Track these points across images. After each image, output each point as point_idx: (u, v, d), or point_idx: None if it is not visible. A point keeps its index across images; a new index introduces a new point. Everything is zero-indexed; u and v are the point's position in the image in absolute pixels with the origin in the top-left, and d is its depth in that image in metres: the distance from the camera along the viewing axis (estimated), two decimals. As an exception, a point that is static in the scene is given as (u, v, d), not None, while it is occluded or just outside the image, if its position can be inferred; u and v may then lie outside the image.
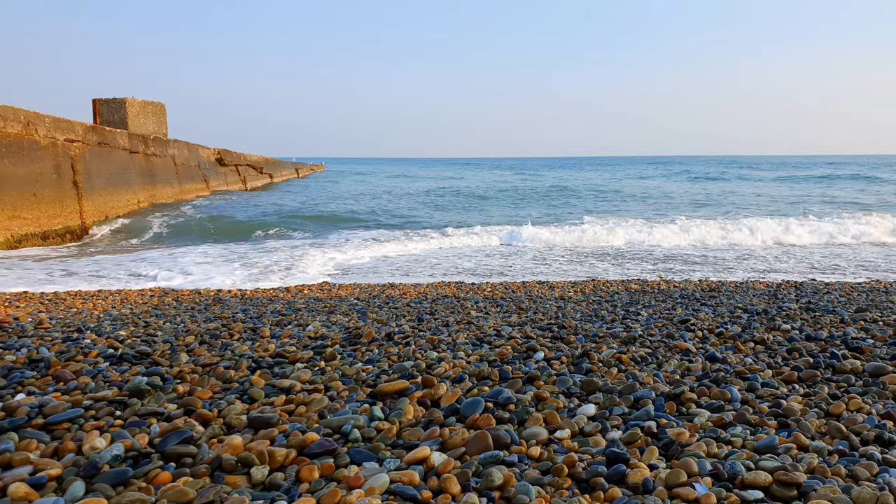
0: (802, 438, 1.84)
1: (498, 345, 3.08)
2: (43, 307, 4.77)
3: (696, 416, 2.06)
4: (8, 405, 1.98)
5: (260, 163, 31.48)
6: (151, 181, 16.97)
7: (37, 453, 1.69)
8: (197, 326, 3.75)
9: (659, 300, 4.99)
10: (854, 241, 12.01)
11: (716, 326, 3.60)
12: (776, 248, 11.15)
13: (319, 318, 4.07)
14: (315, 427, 1.93)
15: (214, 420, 1.98)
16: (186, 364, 2.69)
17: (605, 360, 2.76)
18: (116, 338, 3.27)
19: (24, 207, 10.47)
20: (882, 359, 2.82)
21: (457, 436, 1.84)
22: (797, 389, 2.40)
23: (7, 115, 10.16)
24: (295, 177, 43.07)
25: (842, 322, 3.79)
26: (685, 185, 34.41)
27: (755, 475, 1.58)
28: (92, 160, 13.09)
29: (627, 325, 3.72)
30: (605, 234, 12.33)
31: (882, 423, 2.00)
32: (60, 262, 8.99)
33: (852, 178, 37.45)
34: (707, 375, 2.56)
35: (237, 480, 1.58)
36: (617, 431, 1.94)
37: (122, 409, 2.09)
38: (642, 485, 1.56)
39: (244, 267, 8.65)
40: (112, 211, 13.90)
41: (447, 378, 2.46)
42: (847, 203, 21.30)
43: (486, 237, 12.41)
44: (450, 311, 4.43)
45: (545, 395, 2.23)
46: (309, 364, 2.73)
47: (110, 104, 18.17)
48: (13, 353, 2.80)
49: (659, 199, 24.65)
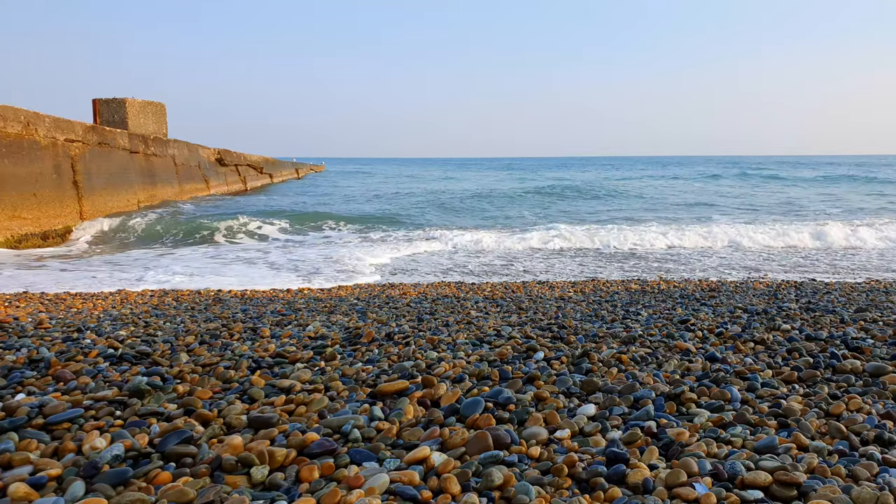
0: (802, 438, 1.84)
1: (498, 345, 3.08)
2: (43, 307, 4.77)
3: (696, 416, 2.06)
4: (8, 405, 1.98)
5: (260, 163, 31.48)
6: (151, 181, 16.96)
7: (37, 453, 1.69)
8: (197, 326, 3.75)
9: (659, 300, 4.99)
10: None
11: (716, 326, 3.60)
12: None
13: (319, 318, 4.07)
14: (315, 427, 1.93)
15: (214, 420, 1.98)
16: (186, 364, 2.69)
17: (605, 360, 2.76)
18: (116, 338, 3.27)
19: (24, 207, 10.47)
20: (882, 359, 2.82)
21: (457, 436, 1.84)
22: (797, 389, 2.40)
23: (7, 115, 10.16)
24: (295, 177, 43.04)
25: (842, 322, 3.78)
26: (753, 187, 30.77)
27: (755, 475, 1.58)
28: (92, 160, 13.09)
29: (627, 325, 3.72)
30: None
31: (882, 423, 2.00)
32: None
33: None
34: (707, 375, 2.56)
35: (237, 480, 1.58)
36: (617, 431, 1.94)
37: (122, 409, 2.09)
38: (642, 485, 1.56)
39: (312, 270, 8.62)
40: (113, 211, 13.89)
41: (447, 378, 2.46)
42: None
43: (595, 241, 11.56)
44: (450, 311, 4.43)
45: (545, 395, 2.23)
46: (309, 364, 2.73)
47: (110, 104, 18.16)
48: (13, 353, 2.80)
49: (745, 201, 22.30)
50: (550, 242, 11.48)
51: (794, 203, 21.38)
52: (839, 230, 12.02)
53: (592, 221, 15.79)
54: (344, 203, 22.47)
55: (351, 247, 11.05)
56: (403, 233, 13.42)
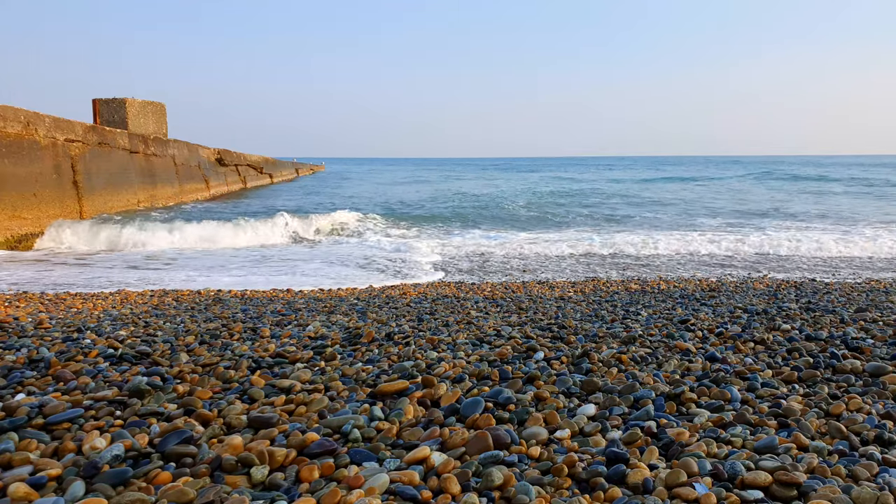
0: (802, 438, 1.84)
1: (498, 345, 3.08)
2: (43, 307, 4.77)
3: (696, 416, 2.06)
4: (8, 405, 1.98)
5: (260, 163, 31.49)
6: (151, 181, 16.97)
7: (37, 453, 1.69)
8: (197, 326, 3.75)
9: (659, 300, 4.99)
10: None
11: (716, 326, 3.60)
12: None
13: (319, 318, 4.07)
14: (315, 427, 1.93)
15: (214, 420, 1.98)
16: (186, 364, 2.69)
17: (605, 360, 2.76)
18: (116, 338, 3.27)
19: (24, 207, 10.47)
20: (882, 359, 2.82)
21: (457, 436, 1.84)
22: (797, 389, 2.40)
23: (7, 115, 10.16)
24: (296, 177, 43.06)
25: (842, 322, 3.78)
26: (804, 192, 27.40)
27: (755, 475, 1.58)
28: (92, 160, 13.09)
29: (627, 325, 3.72)
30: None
31: (882, 423, 2.00)
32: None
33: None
34: (707, 375, 2.56)
35: (237, 480, 1.58)
36: (617, 431, 1.94)
37: (122, 409, 2.09)
38: (642, 485, 1.56)
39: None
40: (113, 211, 13.89)
41: (447, 378, 2.46)
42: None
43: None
44: (450, 311, 4.43)
45: (545, 395, 2.23)
46: (309, 364, 2.73)
47: (110, 104, 18.17)
48: (13, 353, 2.80)
49: (831, 206, 20.04)
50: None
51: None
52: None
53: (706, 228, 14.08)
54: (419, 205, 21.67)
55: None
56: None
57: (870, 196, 24.90)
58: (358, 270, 8.47)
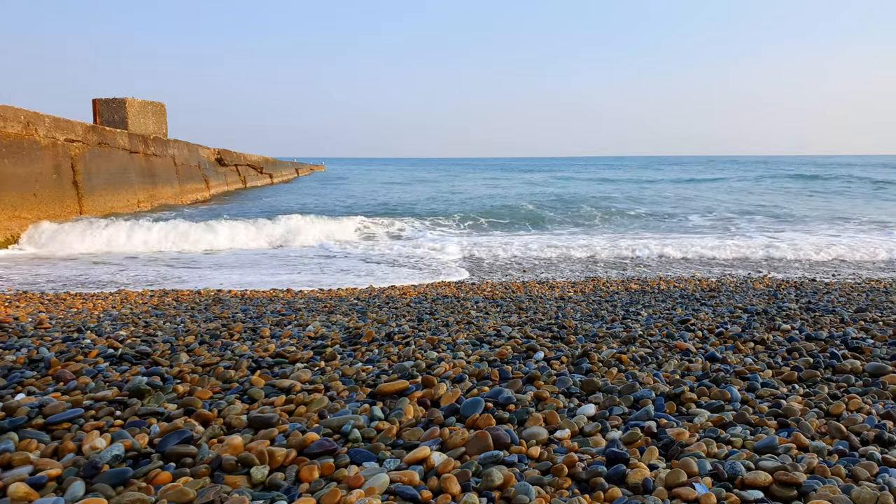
0: (802, 438, 1.84)
1: (498, 345, 3.08)
2: (43, 307, 4.77)
3: (696, 416, 2.06)
4: (8, 405, 1.98)
5: (260, 163, 31.49)
6: (151, 181, 16.97)
7: (37, 453, 1.69)
8: (197, 326, 3.75)
9: (659, 300, 4.99)
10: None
11: (716, 326, 3.60)
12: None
13: (319, 318, 4.07)
14: (315, 427, 1.93)
15: (214, 420, 1.98)
16: (186, 364, 2.69)
17: (605, 360, 2.76)
18: (116, 338, 3.27)
19: (24, 207, 10.47)
20: (882, 359, 2.82)
21: (457, 436, 1.84)
22: (797, 389, 2.40)
23: (7, 115, 10.16)
24: (296, 177, 43.06)
25: (842, 322, 3.78)
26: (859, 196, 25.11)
27: (755, 475, 1.58)
28: (92, 160, 13.09)
29: (627, 325, 3.72)
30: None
31: (882, 423, 2.00)
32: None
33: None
34: (707, 375, 2.56)
35: (237, 480, 1.58)
36: (617, 431, 1.94)
37: (122, 409, 2.09)
38: (642, 485, 1.56)
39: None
40: (113, 211, 13.89)
41: (447, 378, 2.46)
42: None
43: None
44: (450, 311, 4.43)
45: (545, 395, 2.23)
46: (309, 364, 2.73)
47: (110, 104, 18.17)
48: (13, 353, 2.80)
49: (831, 206, 19.17)
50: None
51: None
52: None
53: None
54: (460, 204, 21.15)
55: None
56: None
57: (870, 196, 24.69)
58: (392, 268, 8.63)
